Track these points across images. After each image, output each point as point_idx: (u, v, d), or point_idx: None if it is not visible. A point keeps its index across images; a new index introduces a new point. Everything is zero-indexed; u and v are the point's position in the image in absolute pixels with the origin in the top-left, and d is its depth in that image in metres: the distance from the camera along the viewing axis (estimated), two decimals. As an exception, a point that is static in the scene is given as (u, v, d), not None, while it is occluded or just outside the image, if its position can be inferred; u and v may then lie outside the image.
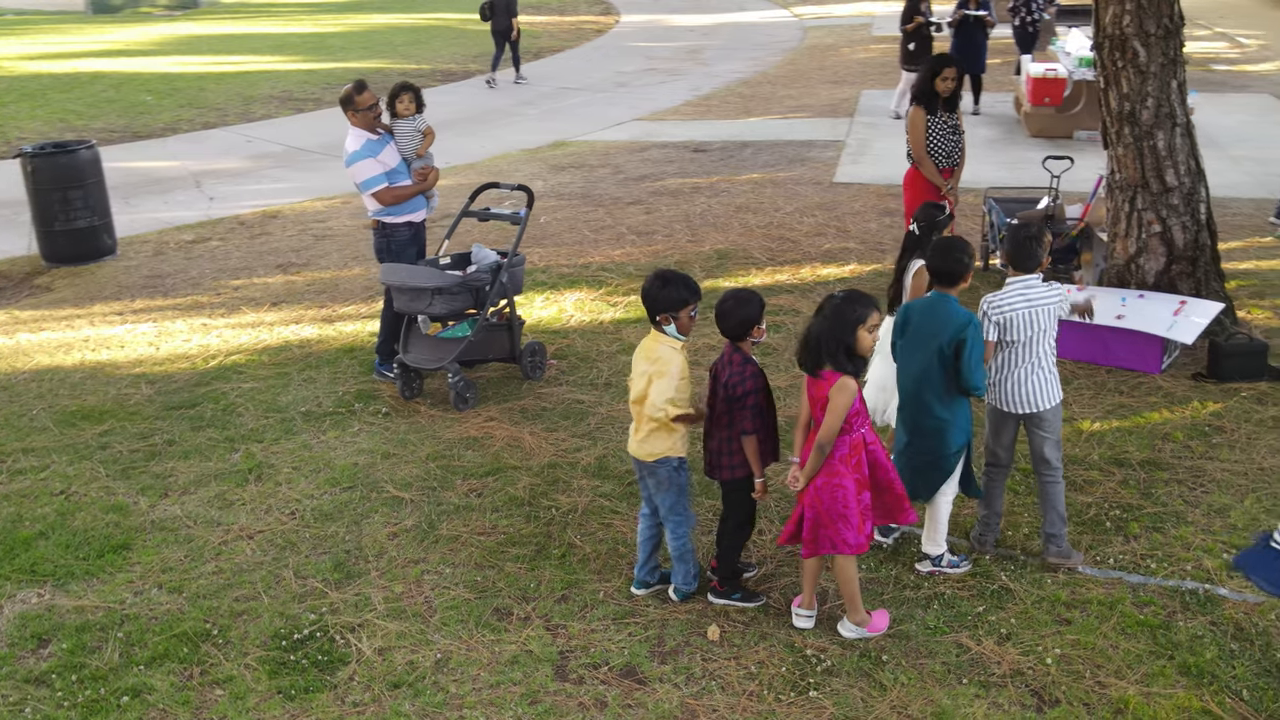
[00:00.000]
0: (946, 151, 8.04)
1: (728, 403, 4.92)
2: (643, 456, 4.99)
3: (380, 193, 7.18)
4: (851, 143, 14.44)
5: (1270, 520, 5.78)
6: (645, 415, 4.94)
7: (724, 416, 4.96)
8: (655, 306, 4.87)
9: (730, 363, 4.91)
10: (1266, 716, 4.47)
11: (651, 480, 5.04)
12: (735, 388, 4.88)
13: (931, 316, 5.16)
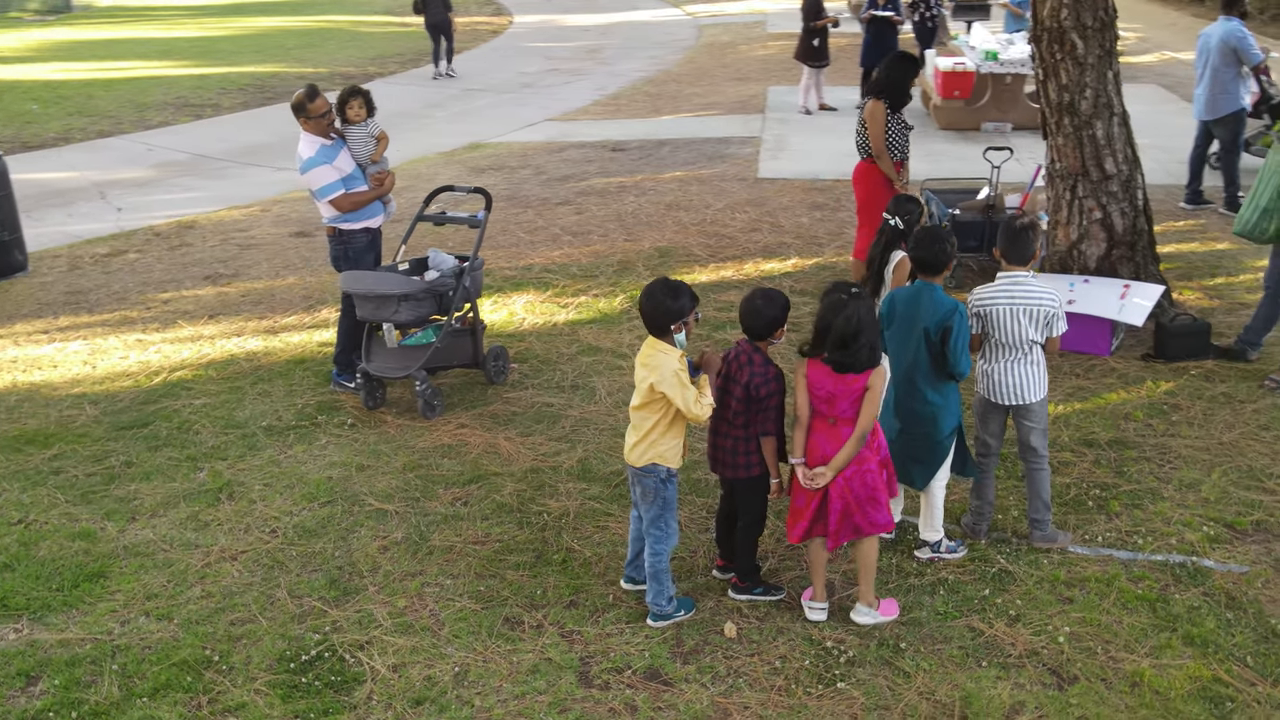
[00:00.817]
0: (900, 146, 8.16)
1: (746, 403, 4.91)
2: (633, 461, 4.94)
3: (338, 199, 7.01)
4: (768, 139, 14.57)
5: (1239, 493, 6.00)
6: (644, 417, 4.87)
7: (740, 416, 4.95)
8: (669, 317, 4.81)
9: (752, 363, 4.90)
10: (1272, 681, 4.64)
11: (639, 488, 5.00)
12: (759, 389, 4.88)
13: (916, 305, 5.24)
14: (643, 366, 4.84)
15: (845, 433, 4.77)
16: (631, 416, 4.95)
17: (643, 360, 4.87)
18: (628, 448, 4.96)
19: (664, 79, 19.65)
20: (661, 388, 4.74)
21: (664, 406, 4.81)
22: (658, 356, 4.79)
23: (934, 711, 4.50)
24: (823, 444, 4.82)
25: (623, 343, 8.08)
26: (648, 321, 4.83)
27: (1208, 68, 10.69)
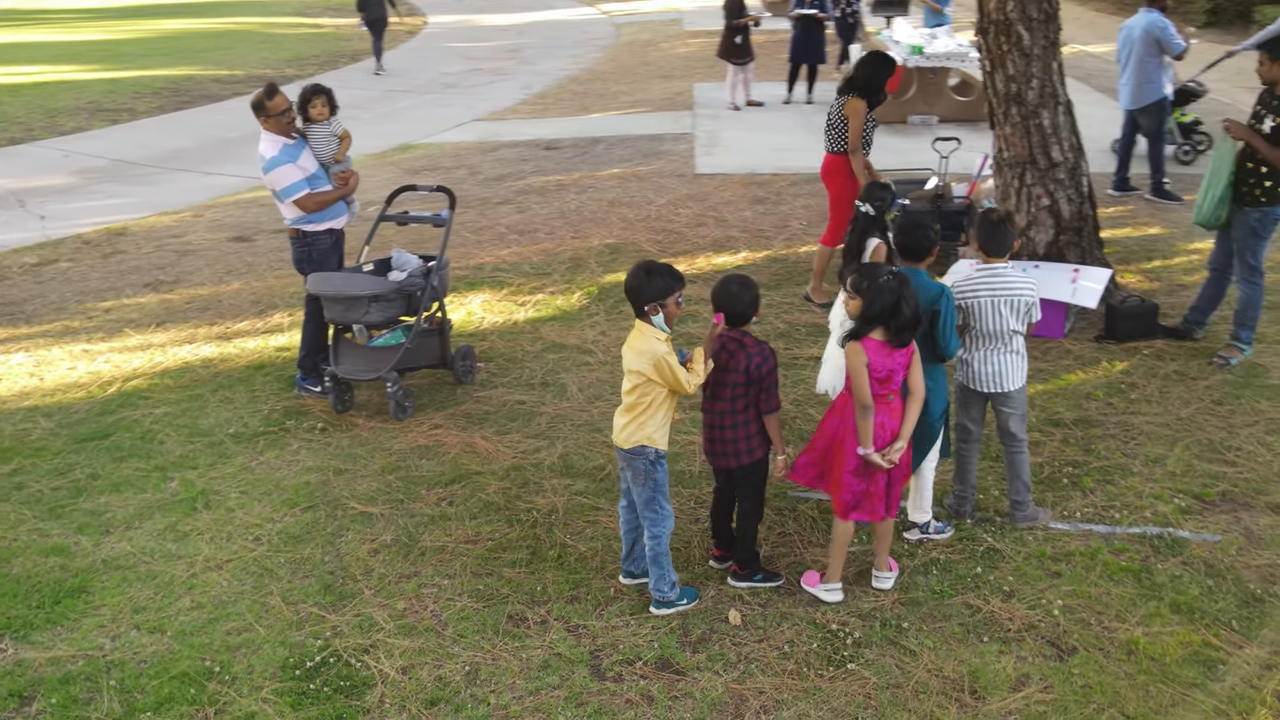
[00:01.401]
0: (869, 141, 8.31)
1: (747, 386, 4.95)
2: (623, 444, 4.96)
3: (303, 199, 6.90)
4: (700, 135, 14.66)
5: (1203, 465, 6.22)
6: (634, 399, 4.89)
7: (741, 401, 4.99)
8: (642, 298, 4.83)
9: (744, 346, 4.94)
10: (1258, 643, 4.82)
11: (629, 471, 5.02)
12: (760, 368, 4.93)
13: (901, 290, 5.31)
14: (630, 351, 4.87)
15: (898, 405, 4.85)
16: (624, 400, 4.96)
17: (630, 345, 4.90)
18: (616, 431, 4.98)
19: (588, 77, 19.65)
20: (649, 373, 4.76)
21: (652, 389, 4.84)
22: (644, 341, 4.82)
23: (944, 687, 4.60)
24: (886, 422, 4.88)
25: (587, 339, 8.09)
26: (630, 299, 4.86)
27: (1131, 58, 11.01)
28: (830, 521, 5.70)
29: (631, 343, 4.93)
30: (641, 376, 4.81)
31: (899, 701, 4.54)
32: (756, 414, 5.05)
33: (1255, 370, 7.33)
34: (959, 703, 4.52)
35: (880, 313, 4.77)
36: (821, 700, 4.55)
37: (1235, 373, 7.30)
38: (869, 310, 4.79)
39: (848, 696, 4.57)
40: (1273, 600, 5.11)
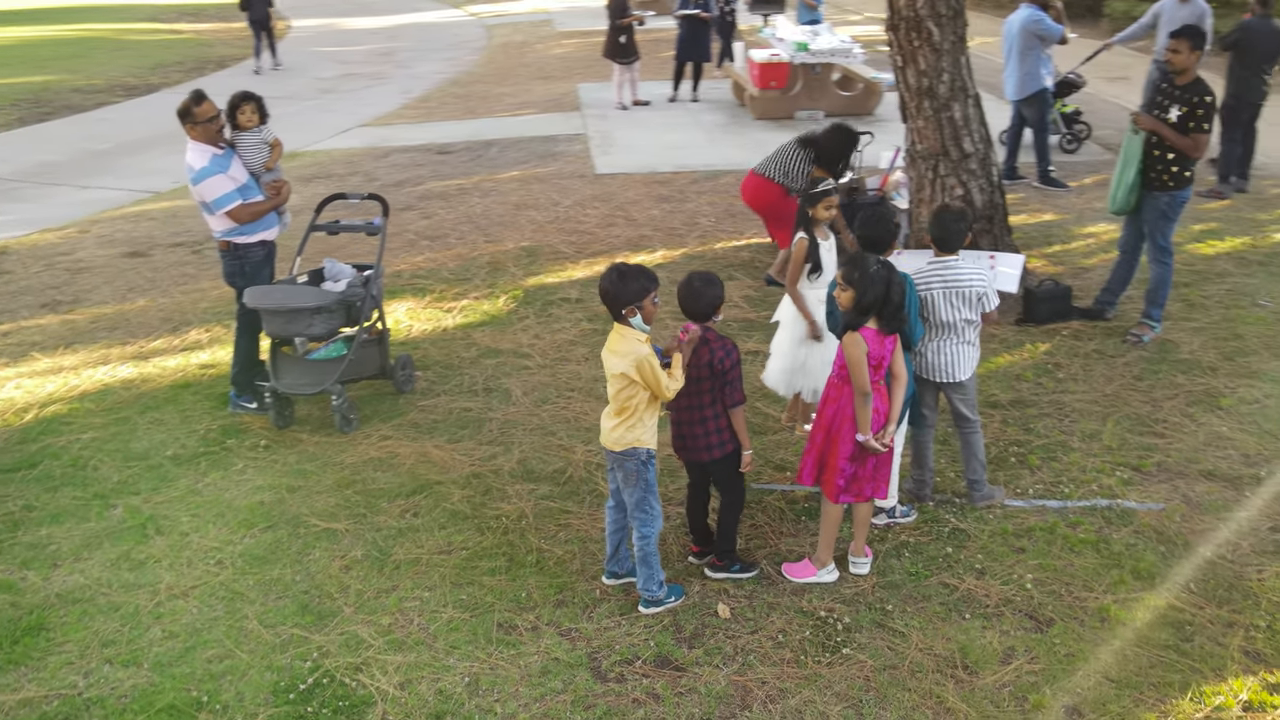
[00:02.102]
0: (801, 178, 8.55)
1: (712, 381, 5.01)
2: (613, 446, 4.98)
3: (236, 210, 6.72)
4: (593, 135, 14.70)
5: (1135, 438, 6.54)
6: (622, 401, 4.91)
7: (707, 396, 5.05)
8: (619, 301, 4.84)
9: (706, 342, 4.99)
10: (1217, 603, 5.11)
11: (620, 473, 5.05)
12: (723, 362, 4.99)
13: (867, 281, 5.45)
14: (612, 354, 4.88)
15: (884, 390, 5.00)
16: (612, 404, 4.97)
17: (611, 348, 4.90)
18: (605, 433, 4.99)
19: (469, 80, 19.49)
20: (632, 374, 4.78)
21: (638, 391, 4.86)
22: (626, 343, 4.84)
23: (937, 665, 4.75)
24: (879, 406, 5.02)
25: (522, 343, 8.06)
26: (606, 303, 4.87)
27: (1013, 52, 11.47)
28: (796, 511, 5.82)
29: (611, 346, 4.94)
30: (625, 379, 4.83)
31: (898, 681, 4.66)
32: (724, 407, 5.11)
33: (1166, 346, 7.72)
34: (954, 679, 4.67)
35: (874, 301, 4.89)
36: (823, 686, 4.65)
37: (1149, 349, 7.68)
38: (864, 300, 4.90)
39: (848, 680, 4.68)
40: (1223, 562, 5.40)
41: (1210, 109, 7.24)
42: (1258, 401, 6.95)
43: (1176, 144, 7.21)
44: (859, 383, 4.99)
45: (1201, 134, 7.19)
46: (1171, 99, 7.38)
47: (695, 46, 16.29)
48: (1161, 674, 4.69)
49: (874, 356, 4.95)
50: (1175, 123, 7.25)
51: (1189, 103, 7.29)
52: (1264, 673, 4.68)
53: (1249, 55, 10.96)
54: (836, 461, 5.15)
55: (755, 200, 8.79)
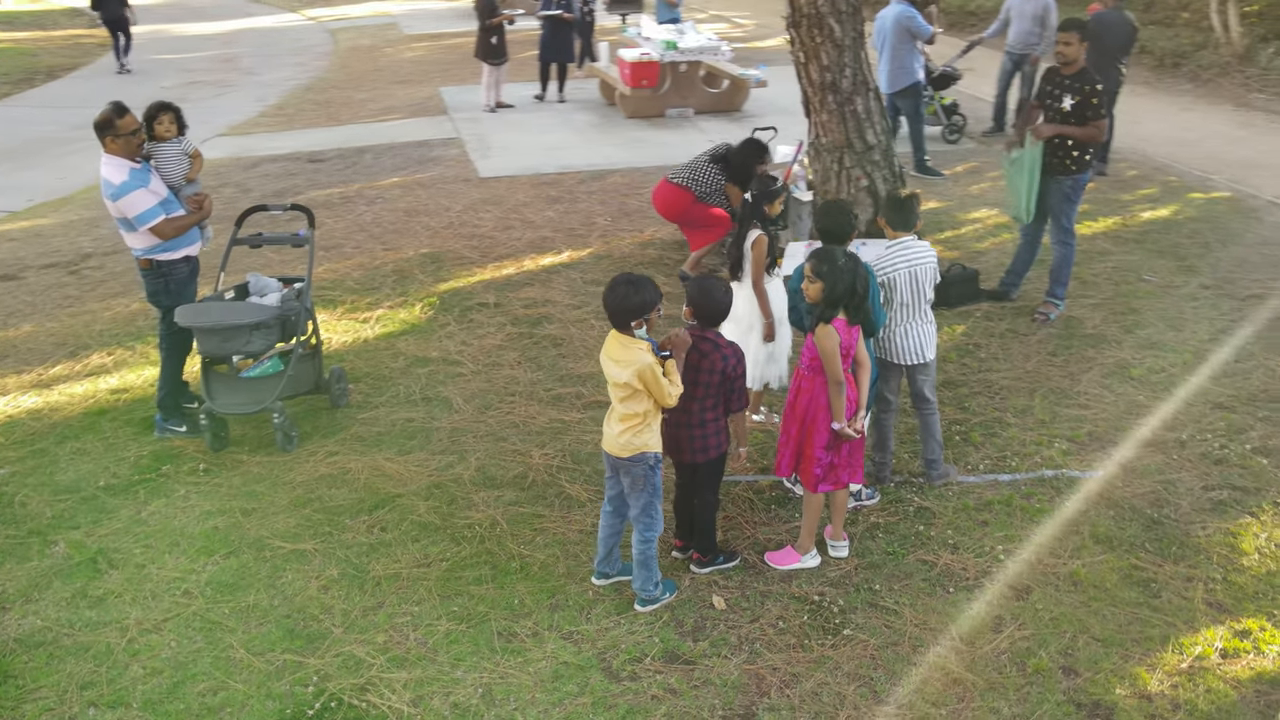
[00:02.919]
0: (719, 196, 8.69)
1: (720, 385, 5.07)
2: (620, 452, 5.00)
3: (160, 226, 6.45)
4: (468, 138, 14.57)
5: (1064, 410, 6.90)
6: (627, 408, 4.94)
7: (711, 399, 5.11)
8: (630, 314, 4.86)
9: (718, 347, 5.05)
10: (1174, 560, 5.45)
11: (627, 479, 5.07)
12: (735, 369, 5.05)
13: (832, 274, 5.60)
14: (614, 362, 4.88)
15: (851, 378, 5.14)
16: (615, 410, 4.97)
17: (612, 356, 4.91)
18: (610, 440, 5.00)
19: (324, 86, 19.04)
20: (635, 383, 4.81)
21: (644, 397, 4.90)
22: (629, 351, 4.85)
23: (934, 639, 4.93)
24: (850, 395, 5.15)
25: (449, 351, 7.97)
26: (611, 316, 4.88)
27: (885, 47, 11.88)
28: (765, 500, 5.94)
29: (611, 353, 4.93)
30: (629, 388, 4.84)
31: (902, 657, 4.82)
32: (724, 411, 5.18)
33: (1072, 323, 8.15)
34: (955, 650, 4.85)
35: (843, 294, 5.02)
36: (833, 667, 4.77)
37: (1056, 326, 8.08)
38: (833, 293, 5.02)
39: (855, 660, 4.81)
40: (1168, 521, 5.76)
41: (1101, 94, 7.66)
42: (1164, 370, 7.39)
43: (1080, 136, 7.60)
44: (834, 373, 5.12)
45: (1100, 119, 7.60)
46: (1063, 89, 7.77)
47: (557, 47, 16.29)
48: (1140, 630, 4.96)
49: (843, 346, 5.10)
50: (1070, 111, 7.64)
51: (1081, 91, 7.69)
52: (1230, 621, 5.01)
53: (1104, 45, 11.58)
54: (813, 451, 5.28)
55: (667, 208, 8.89)
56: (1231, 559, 5.44)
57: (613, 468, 5.11)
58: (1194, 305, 8.44)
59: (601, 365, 4.97)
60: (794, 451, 5.41)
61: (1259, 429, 6.62)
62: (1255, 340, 7.81)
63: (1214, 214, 10.71)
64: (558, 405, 7.12)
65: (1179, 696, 4.57)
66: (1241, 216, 10.61)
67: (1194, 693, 4.60)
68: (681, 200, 8.72)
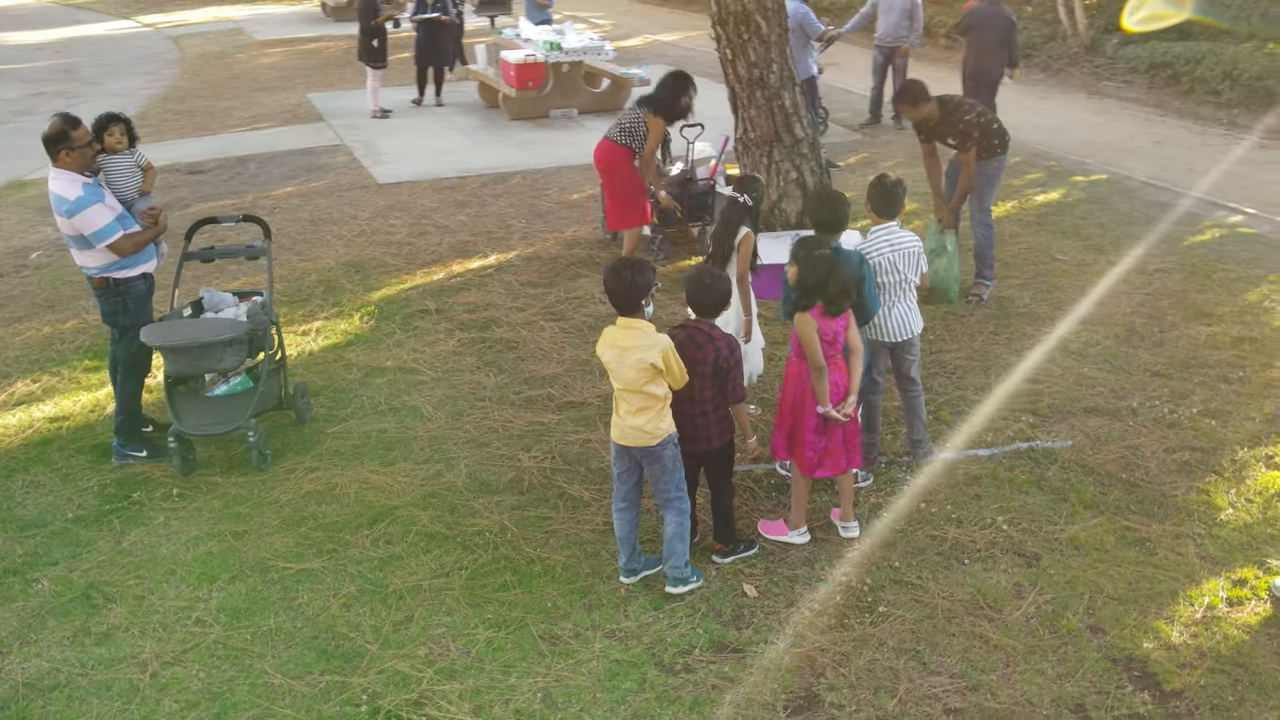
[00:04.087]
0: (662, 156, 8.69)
1: (715, 376, 5.14)
2: (647, 442, 5.03)
3: (119, 242, 6.17)
4: (354, 145, 14.28)
5: (1020, 386, 7.23)
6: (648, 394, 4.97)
7: (708, 392, 5.18)
8: (637, 294, 4.92)
9: (712, 339, 5.11)
10: (1159, 519, 5.79)
11: (655, 466, 5.11)
12: (728, 360, 5.13)
13: (830, 261, 5.76)
14: (625, 350, 4.90)
15: (843, 363, 5.25)
16: (630, 400, 4.98)
17: (621, 343, 4.92)
18: (635, 431, 5.00)
19: (181, 95, 18.34)
20: (658, 364, 4.86)
21: (661, 382, 4.94)
22: (644, 336, 4.90)
23: (965, 609, 5.13)
24: (838, 380, 5.28)
25: (403, 359, 7.84)
26: (619, 300, 4.92)
27: (779, 43, 12.14)
28: (765, 488, 6.06)
29: (618, 341, 4.96)
30: (653, 370, 4.88)
31: (940, 628, 5.00)
32: (723, 400, 5.26)
33: (1003, 303, 8.53)
34: (987, 618, 5.06)
35: (815, 285, 5.19)
36: (878, 644, 4.92)
37: (990, 306, 8.45)
38: (804, 282, 5.21)
39: (897, 636, 4.97)
40: (1144, 484, 6.11)
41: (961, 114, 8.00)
42: (1099, 344, 7.82)
43: (970, 163, 7.95)
44: (814, 358, 5.28)
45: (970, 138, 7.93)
46: (945, 133, 8.11)
47: (434, 50, 16.10)
48: (1149, 586, 5.26)
49: (825, 333, 5.28)
50: (955, 144, 8.00)
51: (953, 129, 8.03)
52: (1225, 572, 5.36)
53: (982, 38, 12.13)
54: (804, 435, 5.43)
55: (604, 163, 8.79)
56: (1210, 514, 5.80)
57: (631, 459, 5.12)
58: (1109, 281, 8.92)
59: (605, 359, 4.98)
60: (787, 435, 5.54)
61: (1199, 393, 7.07)
62: (1172, 311, 8.31)
63: (1099, 195, 11.32)
64: (531, 408, 7.09)
65: (1201, 645, 4.87)
66: (1123, 197, 11.25)
67: (1212, 640, 4.90)
68: (617, 156, 8.65)
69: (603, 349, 5.06)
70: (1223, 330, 7.96)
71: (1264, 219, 10.51)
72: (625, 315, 4.97)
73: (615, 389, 5.03)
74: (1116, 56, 16.76)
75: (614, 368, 5.01)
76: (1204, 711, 4.49)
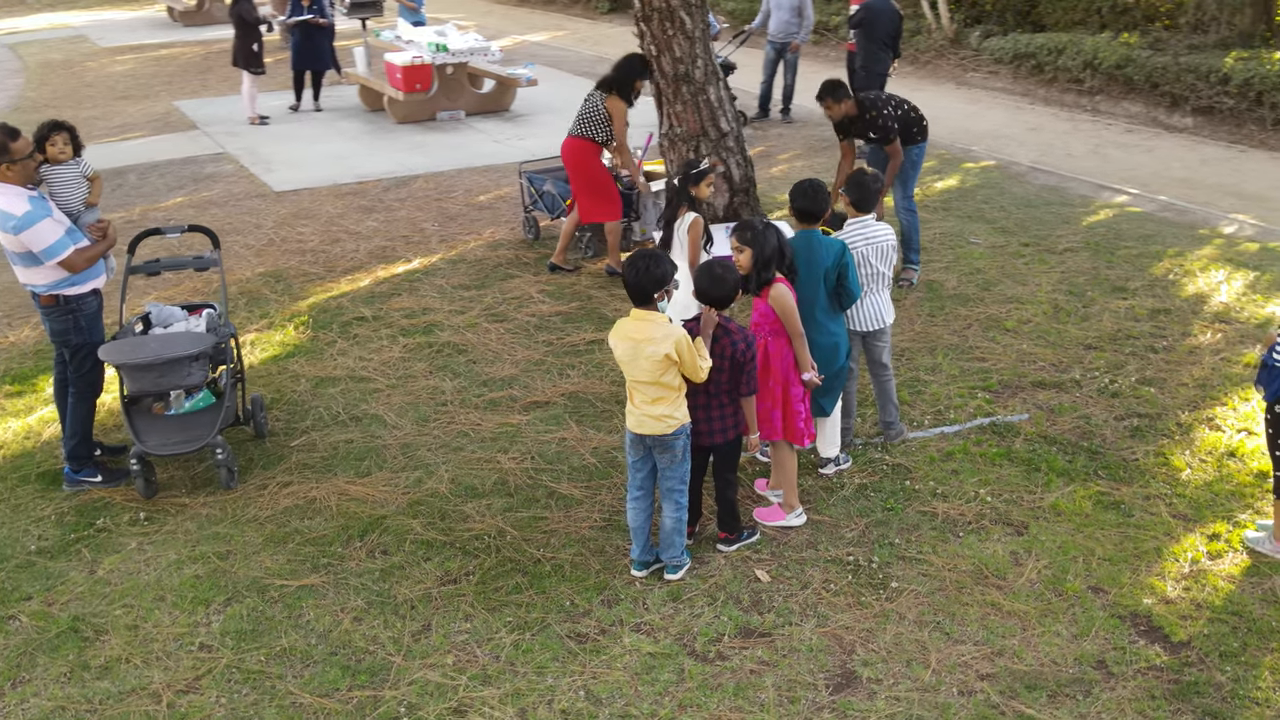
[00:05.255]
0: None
1: (732, 371, 5.21)
2: (663, 431, 5.05)
3: (71, 258, 5.88)
4: (238, 153, 13.85)
5: (968, 364, 7.50)
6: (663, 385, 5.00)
7: (725, 384, 5.24)
8: (655, 284, 4.96)
9: (729, 332, 5.17)
10: (1126, 483, 6.10)
11: (666, 455, 5.15)
12: (744, 354, 5.19)
13: (811, 250, 5.89)
14: (639, 342, 4.92)
15: None
16: (645, 391, 4.99)
17: (636, 335, 4.94)
18: (646, 422, 5.02)
19: (33, 106, 17.45)
20: (673, 354, 4.90)
21: (678, 372, 4.99)
22: (660, 327, 4.93)
23: (972, 580, 5.31)
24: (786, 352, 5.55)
25: (351, 368, 7.67)
26: (635, 291, 4.94)
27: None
28: (751, 475, 6.15)
29: (633, 333, 4.98)
30: (669, 361, 4.91)
31: (955, 598, 5.17)
32: (735, 395, 5.33)
33: (933, 285, 8.82)
34: (995, 586, 5.25)
35: (772, 254, 5.36)
36: (899, 617, 5.06)
37: (921, 289, 8.73)
38: (762, 254, 5.37)
39: (916, 609, 5.12)
40: (1103, 451, 6.42)
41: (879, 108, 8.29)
42: (1030, 321, 8.16)
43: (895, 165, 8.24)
44: (795, 327, 5.47)
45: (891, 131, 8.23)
46: (864, 128, 8.37)
47: (311, 54, 15.71)
48: (1134, 546, 5.54)
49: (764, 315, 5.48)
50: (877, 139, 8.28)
51: (873, 125, 8.31)
52: (1199, 529, 5.68)
53: (873, 32, 12.50)
54: (794, 406, 5.59)
55: (570, 159, 8.81)
56: (1172, 476, 6.14)
57: (646, 448, 5.14)
58: (1024, 261, 9.32)
59: (618, 351, 5.00)
60: (782, 413, 5.65)
61: (1132, 363, 7.45)
62: (1089, 287, 8.73)
63: (993, 181, 11.79)
64: (497, 410, 7.02)
65: (1195, 597, 5.15)
66: (1016, 181, 11.75)
67: (1204, 593, 5.19)
68: (582, 151, 8.69)
69: (615, 340, 5.05)
70: (1139, 303, 8.39)
71: (1147, 198, 11.11)
72: (639, 307, 4.98)
73: (628, 380, 5.03)
74: (981, 49, 17.45)
75: (627, 359, 5.01)
76: (1214, 659, 4.74)
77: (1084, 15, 17.10)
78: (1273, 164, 12.58)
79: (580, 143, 8.61)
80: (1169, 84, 14.50)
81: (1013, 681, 4.63)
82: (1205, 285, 8.76)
